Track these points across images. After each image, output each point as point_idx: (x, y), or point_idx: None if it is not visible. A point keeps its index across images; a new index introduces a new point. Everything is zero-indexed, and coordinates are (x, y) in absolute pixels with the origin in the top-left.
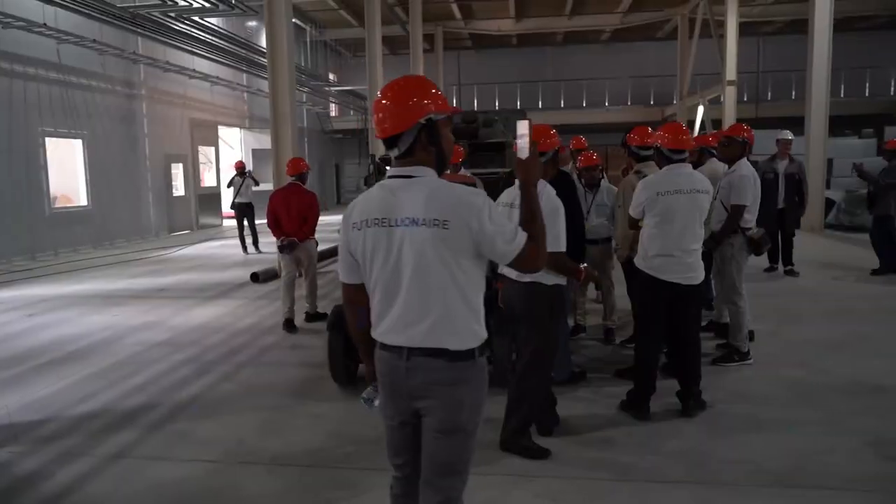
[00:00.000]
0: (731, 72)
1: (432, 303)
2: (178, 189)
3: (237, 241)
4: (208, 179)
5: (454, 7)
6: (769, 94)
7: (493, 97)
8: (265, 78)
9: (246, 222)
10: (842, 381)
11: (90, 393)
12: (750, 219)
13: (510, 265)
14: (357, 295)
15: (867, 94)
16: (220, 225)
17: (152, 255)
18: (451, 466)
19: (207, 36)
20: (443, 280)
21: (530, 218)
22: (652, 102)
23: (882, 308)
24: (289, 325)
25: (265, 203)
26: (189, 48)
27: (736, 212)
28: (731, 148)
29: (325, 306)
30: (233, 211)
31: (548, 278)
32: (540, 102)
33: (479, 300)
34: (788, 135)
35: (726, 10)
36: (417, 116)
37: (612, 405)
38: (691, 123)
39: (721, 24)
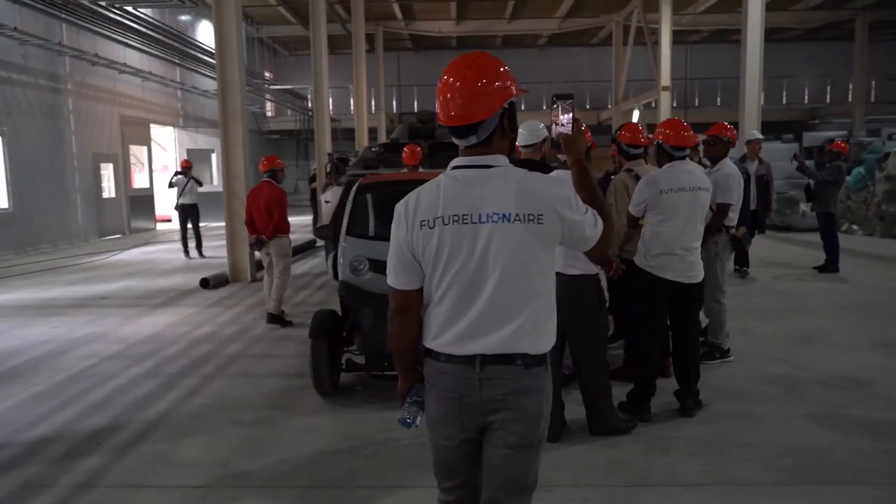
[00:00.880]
0: (665, 77)
1: (522, 304)
2: (109, 191)
3: (175, 246)
4: (140, 181)
5: (395, 7)
6: (696, 100)
7: (433, 98)
8: (201, 73)
9: (190, 224)
10: (822, 376)
11: (43, 414)
12: (734, 217)
13: (588, 251)
14: (413, 302)
15: (784, 102)
16: (154, 228)
17: (85, 260)
18: (523, 483)
19: (140, 26)
20: (533, 278)
21: (595, 198)
22: (588, 107)
23: (833, 303)
24: (271, 318)
25: (209, 205)
26: (121, 38)
27: (722, 210)
28: (717, 147)
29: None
30: (176, 212)
31: (592, 268)
32: None
33: (555, 296)
34: (758, 134)
35: (660, 18)
36: (502, 101)
37: None
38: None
39: (654, 32)
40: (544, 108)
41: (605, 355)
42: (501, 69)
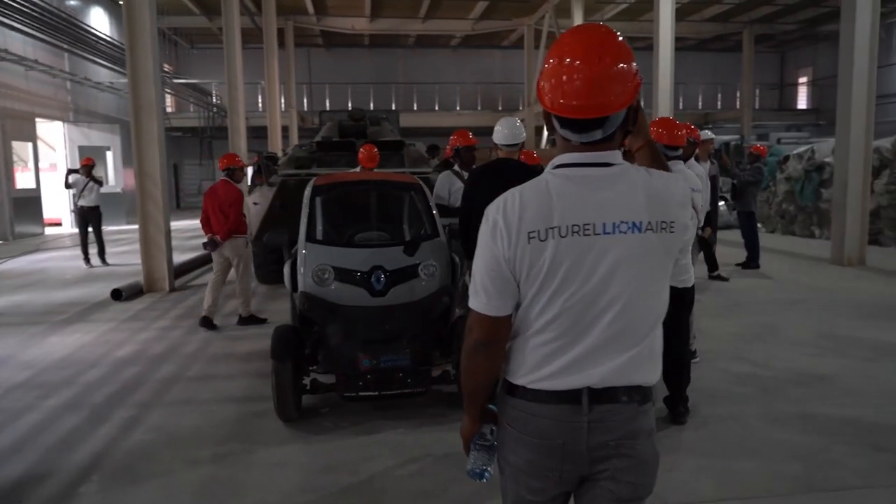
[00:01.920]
0: None
1: (646, 329)
2: None
3: (71, 252)
4: (24, 181)
5: (307, 1)
6: None
7: (345, 97)
8: (96, 63)
9: (91, 229)
10: (786, 373)
11: None
12: (701, 218)
13: None
14: (504, 331)
15: (681, 108)
16: (43, 233)
17: None
18: None
19: (25, 7)
20: (659, 297)
21: None
22: (500, 108)
23: (765, 299)
24: (206, 322)
25: (106, 208)
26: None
27: None
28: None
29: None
30: (75, 216)
31: None
32: (393, 104)
33: None
34: (710, 134)
35: (572, 23)
36: (636, 89)
37: None
38: (539, 129)
39: None
40: (458, 108)
41: None
42: (626, 44)
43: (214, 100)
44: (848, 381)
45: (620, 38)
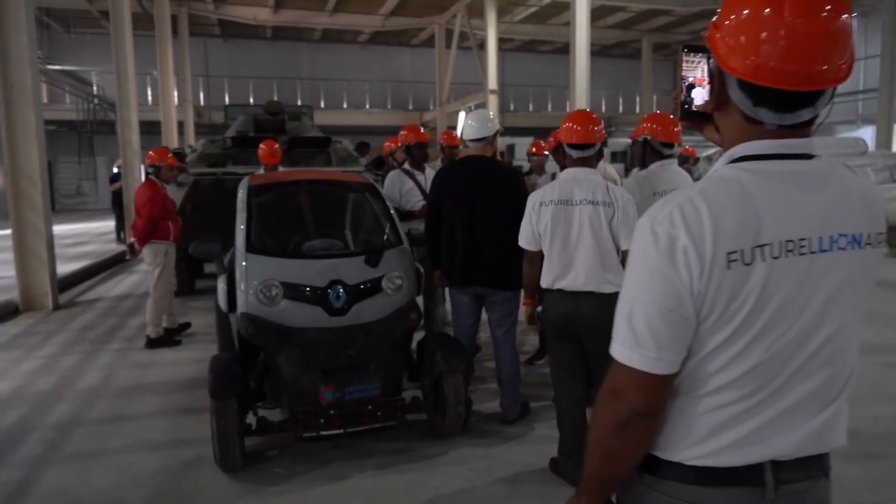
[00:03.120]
0: (492, 82)
1: (845, 377)
2: None
3: None
4: None
5: None
6: (511, 105)
7: (246, 92)
8: None
9: None
10: None
11: None
12: None
13: None
14: (666, 395)
15: (587, 110)
16: None
17: None
18: None
19: None
20: (861, 332)
21: None
22: (411, 107)
23: None
24: (168, 334)
25: None
26: None
27: None
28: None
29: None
30: None
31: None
32: (299, 100)
33: None
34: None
35: (486, 24)
36: (854, 51)
37: None
38: (453, 129)
39: (475, 37)
40: (367, 106)
41: None
42: None
43: (96, 90)
44: None
45: None
